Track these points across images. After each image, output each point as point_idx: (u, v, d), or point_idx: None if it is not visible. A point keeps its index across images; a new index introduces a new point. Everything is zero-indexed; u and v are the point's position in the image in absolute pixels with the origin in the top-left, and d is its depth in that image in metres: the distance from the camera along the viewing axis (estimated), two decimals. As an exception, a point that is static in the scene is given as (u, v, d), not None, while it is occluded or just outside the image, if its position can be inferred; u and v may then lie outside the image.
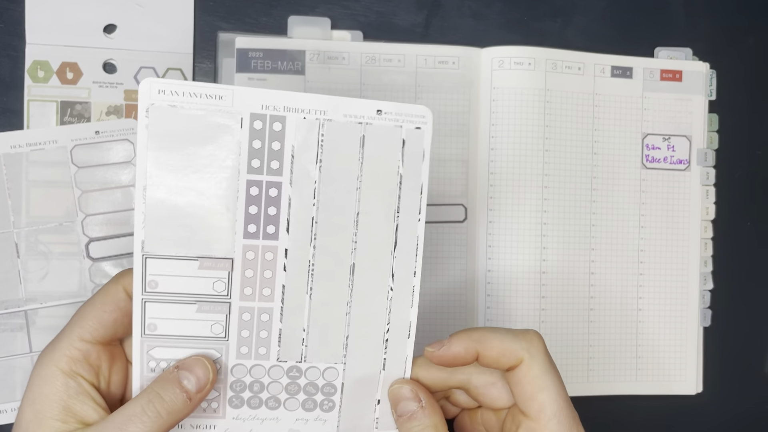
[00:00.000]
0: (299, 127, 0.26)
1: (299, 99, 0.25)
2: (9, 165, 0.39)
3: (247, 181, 0.26)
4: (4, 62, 0.39)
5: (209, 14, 0.41)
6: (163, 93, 0.24)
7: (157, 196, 0.25)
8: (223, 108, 0.25)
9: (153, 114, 0.24)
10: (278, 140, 0.26)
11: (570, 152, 0.42)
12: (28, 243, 0.39)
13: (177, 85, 0.24)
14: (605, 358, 0.42)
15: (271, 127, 0.25)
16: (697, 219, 0.44)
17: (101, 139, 0.40)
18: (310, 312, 0.28)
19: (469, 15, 0.43)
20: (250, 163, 0.26)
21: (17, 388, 0.39)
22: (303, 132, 0.26)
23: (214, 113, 0.25)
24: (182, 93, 0.24)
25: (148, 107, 0.24)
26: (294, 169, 0.26)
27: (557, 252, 0.42)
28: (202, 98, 0.25)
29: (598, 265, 0.43)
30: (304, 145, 0.26)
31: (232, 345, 0.28)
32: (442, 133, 0.42)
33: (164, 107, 0.24)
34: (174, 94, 0.24)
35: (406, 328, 0.30)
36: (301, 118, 0.26)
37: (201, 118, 0.25)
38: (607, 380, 0.42)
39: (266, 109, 0.25)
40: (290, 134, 0.26)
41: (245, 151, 0.26)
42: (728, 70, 0.45)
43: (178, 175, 0.25)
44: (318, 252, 0.28)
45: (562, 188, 0.42)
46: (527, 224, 0.41)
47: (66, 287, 0.39)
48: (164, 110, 0.24)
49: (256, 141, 0.25)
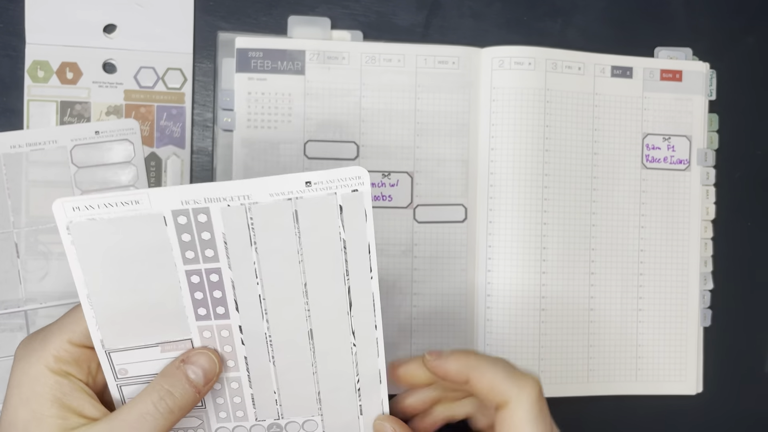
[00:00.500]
0: (225, 215, 0.25)
1: (218, 189, 0.25)
2: (9, 165, 0.39)
3: (185, 271, 0.26)
4: (4, 62, 0.39)
5: (209, 14, 0.41)
6: (78, 209, 0.24)
7: (102, 301, 0.26)
8: (142, 211, 0.25)
9: (74, 231, 0.24)
10: (207, 230, 0.26)
11: (570, 152, 0.42)
12: (27, 243, 0.39)
13: (90, 199, 0.24)
14: (605, 358, 0.42)
15: (196, 219, 0.25)
16: (697, 219, 0.44)
17: (101, 139, 0.40)
18: (277, 376, 0.29)
19: (469, 15, 0.43)
20: (184, 255, 0.26)
21: (17, 388, 0.39)
22: (230, 219, 0.26)
23: (134, 218, 0.25)
24: (97, 206, 0.24)
25: (68, 225, 0.25)
26: (230, 254, 0.26)
27: (557, 252, 0.42)
28: (119, 206, 0.24)
29: (598, 265, 0.43)
30: (234, 230, 0.26)
31: (210, 412, 0.30)
32: (442, 133, 0.42)
33: (83, 222, 0.24)
34: (89, 208, 0.24)
35: (376, 376, 0.31)
36: (225, 206, 0.25)
37: (123, 224, 0.25)
38: (607, 380, 0.42)
39: (186, 204, 0.25)
40: (217, 223, 0.26)
41: (176, 245, 0.26)
42: (728, 70, 0.45)
43: (117, 280, 0.25)
44: (272, 324, 0.28)
45: (562, 188, 0.42)
46: (527, 224, 0.41)
47: (66, 287, 0.39)
48: (84, 225, 0.24)
49: (185, 235, 0.25)
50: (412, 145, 0.41)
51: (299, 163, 0.41)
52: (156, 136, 0.40)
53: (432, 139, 0.42)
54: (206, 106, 0.41)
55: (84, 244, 0.25)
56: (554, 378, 0.42)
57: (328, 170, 0.26)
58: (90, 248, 0.25)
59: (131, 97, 0.40)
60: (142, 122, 0.40)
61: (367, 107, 0.41)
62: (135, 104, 0.40)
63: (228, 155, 0.40)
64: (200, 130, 0.41)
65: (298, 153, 0.41)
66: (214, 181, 0.28)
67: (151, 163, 0.40)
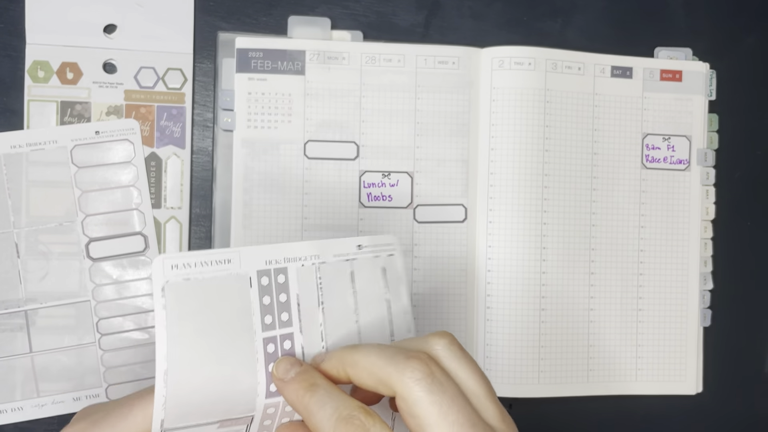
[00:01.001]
0: (300, 274, 0.26)
1: (296, 249, 0.26)
2: (9, 165, 0.39)
3: (263, 339, 0.26)
4: (4, 62, 0.39)
5: (209, 14, 0.41)
6: (176, 268, 0.24)
7: (177, 378, 0.24)
8: (232, 271, 0.25)
9: (169, 292, 0.24)
10: (284, 292, 0.26)
11: (570, 152, 0.42)
12: (28, 243, 0.39)
13: (189, 257, 0.24)
14: (605, 357, 0.42)
15: (276, 280, 0.26)
16: (697, 219, 0.44)
17: (101, 139, 0.40)
18: None
19: (469, 15, 0.43)
20: (263, 320, 0.26)
21: (17, 388, 0.39)
22: (304, 279, 0.26)
23: (224, 279, 0.25)
24: (194, 264, 0.24)
25: (164, 286, 0.24)
26: (302, 316, 0.27)
27: (557, 252, 0.42)
28: (213, 265, 0.24)
29: (598, 265, 0.43)
30: (306, 291, 0.27)
31: None
32: (442, 133, 0.42)
33: (179, 282, 0.24)
34: (186, 266, 0.24)
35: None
36: (300, 266, 0.26)
37: (213, 286, 0.24)
38: (607, 380, 0.42)
39: (269, 264, 0.26)
40: (293, 284, 0.26)
41: (257, 310, 0.26)
42: (728, 70, 0.45)
43: (197, 352, 0.24)
44: None
45: (562, 188, 0.42)
46: (527, 224, 0.41)
47: (66, 287, 0.39)
48: (179, 286, 0.24)
49: (266, 297, 0.26)
50: (412, 145, 0.42)
51: (299, 163, 0.41)
52: (156, 136, 0.40)
53: (432, 139, 0.42)
54: (206, 106, 0.41)
55: (174, 309, 0.24)
56: (554, 378, 0.42)
57: (370, 236, 0.28)
58: (178, 314, 0.24)
59: (131, 97, 0.40)
60: (142, 122, 0.40)
61: (367, 107, 0.41)
62: (135, 104, 0.40)
63: (228, 155, 0.40)
64: (200, 130, 0.41)
65: (299, 153, 0.41)
66: (290, 242, 0.29)
67: (151, 163, 0.40)
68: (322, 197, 0.41)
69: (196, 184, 0.41)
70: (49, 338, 0.39)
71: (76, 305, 0.39)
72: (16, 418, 0.39)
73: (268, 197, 0.40)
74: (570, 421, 0.44)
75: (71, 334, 0.39)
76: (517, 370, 0.41)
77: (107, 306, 0.40)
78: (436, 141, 0.42)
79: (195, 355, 0.24)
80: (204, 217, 0.41)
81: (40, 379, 0.39)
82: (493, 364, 0.41)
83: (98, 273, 0.40)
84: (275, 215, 0.40)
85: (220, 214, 0.40)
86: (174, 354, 0.24)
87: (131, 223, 0.40)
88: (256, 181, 0.40)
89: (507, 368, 0.41)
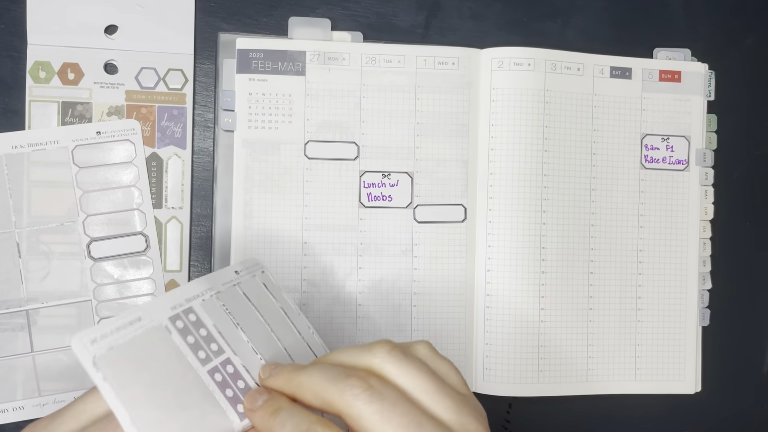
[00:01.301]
0: (206, 307, 0.29)
1: (190, 289, 0.28)
2: (10, 165, 0.39)
3: (207, 372, 0.27)
4: (6, 63, 0.40)
5: (210, 15, 0.41)
6: (96, 342, 0.25)
7: (151, 430, 0.25)
8: (146, 326, 0.26)
9: (101, 364, 0.24)
10: (202, 327, 0.28)
11: (569, 152, 0.42)
12: (29, 243, 0.39)
13: (102, 328, 0.25)
14: (604, 357, 0.43)
15: (188, 319, 0.28)
16: (696, 219, 0.44)
17: (102, 140, 0.40)
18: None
19: (468, 16, 0.43)
20: (197, 356, 0.27)
21: (18, 388, 0.39)
22: (211, 310, 0.29)
23: (144, 335, 0.26)
24: (109, 332, 0.25)
25: (93, 361, 0.24)
26: (228, 341, 0.29)
27: (556, 252, 0.42)
28: (126, 327, 0.26)
29: (598, 265, 0.43)
30: (219, 319, 0.29)
31: None
32: (442, 133, 0.42)
33: (105, 354, 0.25)
34: (104, 337, 0.25)
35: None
36: (202, 301, 0.29)
37: (138, 344, 0.26)
38: (606, 379, 0.43)
39: (175, 309, 0.27)
40: (204, 317, 0.28)
41: (188, 351, 0.27)
42: (727, 70, 0.45)
43: (158, 405, 0.25)
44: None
45: (562, 188, 0.42)
46: (527, 224, 0.41)
47: (67, 287, 0.40)
48: (107, 356, 0.25)
49: (189, 337, 0.27)
50: (412, 145, 0.42)
51: (300, 164, 0.41)
52: (157, 137, 0.40)
53: (432, 139, 0.42)
54: (207, 107, 0.41)
55: (115, 378, 0.25)
56: (553, 377, 0.42)
57: (240, 261, 0.33)
58: (121, 381, 0.25)
59: (132, 98, 0.40)
60: (143, 123, 0.40)
61: (368, 108, 0.41)
62: (136, 105, 0.40)
63: (229, 156, 0.41)
64: (201, 130, 0.41)
65: (299, 153, 0.41)
66: (187, 282, 0.33)
67: (152, 164, 0.40)
68: (322, 197, 0.41)
69: (197, 184, 0.41)
70: (50, 338, 0.39)
71: (78, 305, 0.40)
72: (17, 417, 0.39)
73: (268, 197, 0.41)
74: (569, 421, 0.44)
75: (72, 334, 0.39)
76: (517, 369, 0.41)
77: (108, 306, 0.40)
78: (436, 141, 0.42)
79: (158, 411, 0.25)
80: (205, 217, 0.41)
81: (41, 379, 0.39)
82: (492, 363, 0.41)
83: (99, 273, 0.40)
84: (276, 215, 0.41)
85: (220, 214, 0.41)
86: (138, 416, 0.24)
87: (132, 223, 0.40)
88: (256, 181, 0.41)
89: (507, 368, 0.41)
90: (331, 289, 0.41)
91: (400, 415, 0.24)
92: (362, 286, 0.41)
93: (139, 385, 0.25)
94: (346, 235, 0.41)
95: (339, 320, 0.41)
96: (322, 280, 0.41)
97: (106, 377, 0.24)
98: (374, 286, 0.41)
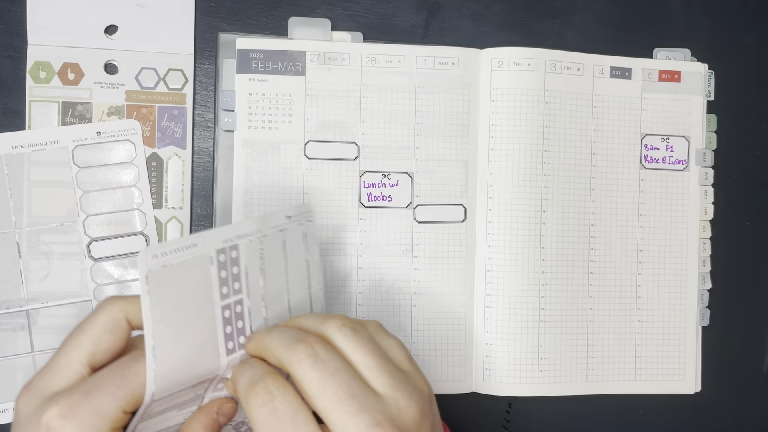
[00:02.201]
0: (248, 248, 0.30)
1: (244, 226, 0.30)
2: (11, 165, 0.39)
3: (221, 307, 0.29)
4: (6, 63, 0.40)
5: (210, 15, 0.41)
6: (156, 257, 0.27)
7: (163, 352, 0.27)
8: (197, 253, 0.28)
9: (152, 279, 0.26)
10: (236, 265, 0.30)
11: (569, 153, 0.42)
12: (29, 243, 0.39)
13: (165, 246, 0.27)
14: (604, 357, 0.43)
15: (230, 255, 0.30)
16: (696, 219, 0.44)
17: (102, 140, 0.40)
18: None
19: (468, 16, 0.43)
20: (221, 291, 0.29)
21: (18, 388, 0.39)
22: (250, 251, 0.30)
23: (192, 261, 0.28)
24: (169, 252, 0.27)
25: (147, 274, 0.26)
26: (249, 282, 0.30)
27: (556, 252, 0.42)
28: (183, 250, 0.28)
29: (597, 265, 0.43)
30: (252, 261, 0.31)
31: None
32: (442, 133, 0.42)
33: (158, 269, 0.27)
34: (164, 255, 0.27)
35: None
36: (248, 241, 0.30)
37: (184, 267, 0.28)
38: (606, 379, 0.43)
39: (225, 242, 0.29)
40: (243, 256, 0.30)
41: (216, 283, 0.29)
42: (727, 70, 0.45)
43: (175, 328, 0.28)
44: None
45: (562, 188, 0.42)
46: (526, 224, 0.41)
47: (67, 287, 0.40)
48: (158, 273, 0.27)
49: (222, 272, 0.29)
50: (412, 146, 0.42)
51: (300, 164, 0.41)
52: (157, 137, 0.40)
53: (432, 139, 0.42)
54: (207, 107, 0.41)
55: (155, 293, 0.27)
56: (553, 377, 0.42)
57: (294, 206, 0.34)
58: (159, 297, 0.27)
59: (132, 98, 0.40)
60: (143, 123, 0.40)
61: (368, 108, 0.41)
62: (136, 105, 0.40)
63: (229, 156, 0.41)
64: (201, 130, 0.41)
65: (299, 153, 0.41)
66: (235, 222, 0.35)
67: (152, 164, 0.40)
68: (322, 197, 0.41)
69: (197, 185, 0.41)
70: (50, 338, 0.39)
71: (78, 305, 0.40)
72: (17, 417, 0.39)
73: (268, 197, 0.41)
74: (569, 421, 0.44)
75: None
76: (517, 369, 0.41)
77: (108, 306, 0.40)
78: (436, 141, 0.42)
79: (174, 331, 0.27)
80: (205, 217, 0.41)
81: (41, 379, 0.39)
82: (492, 363, 0.41)
83: (99, 273, 0.40)
84: (276, 215, 0.41)
85: (220, 214, 0.41)
86: (158, 332, 0.27)
87: (132, 223, 0.40)
88: (256, 181, 0.41)
89: (506, 367, 0.41)
90: (331, 289, 0.41)
91: (336, 384, 0.26)
92: (362, 286, 0.41)
93: (170, 305, 0.27)
94: (346, 235, 0.41)
95: (339, 320, 0.41)
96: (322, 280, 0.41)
97: (150, 291, 0.26)
98: (374, 286, 0.41)
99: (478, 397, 0.42)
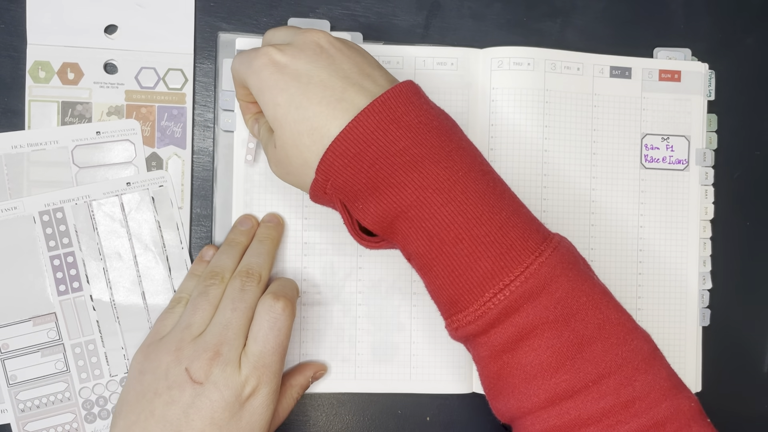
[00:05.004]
0: (74, 211, 0.37)
1: (69, 192, 0.37)
2: (10, 165, 0.39)
3: (49, 257, 0.38)
4: (5, 63, 0.40)
5: (210, 15, 0.41)
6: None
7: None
8: (18, 214, 0.37)
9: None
10: (63, 224, 0.37)
11: (569, 152, 0.42)
12: (29, 243, 0.39)
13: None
14: (604, 357, 0.43)
15: (55, 216, 0.37)
16: (696, 219, 0.44)
17: (102, 140, 0.40)
18: (122, 334, 0.39)
19: (468, 16, 0.43)
20: (48, 244, 0.38)
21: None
22: (79, 214, 0.37)
23: (14, 220, 0.37)
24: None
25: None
26: (81, 239, 0.38)
27: (557, 252, 0.42)
28: (3, 212, 0.37)
29: (598, 265, 0.43)
30: (82, 221, 0.38)
31: (74, 374, 0.38)
32: (442, 133, 0.42)
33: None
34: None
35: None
36: (74, 205, 0.37)
37: (6, 226, 0.37)
38: (607, 379, 0.43)
39: (48, 206, 0.37)
40: (70, 218, 0.37)
41: (41, 238, 0.37)
42: (727, 70, 0.45)
43: (4, 269, 0.36)
44: (114, 290, 0.39)
45: (562, 188, 0.42)
46: (527, 224, 0.41)
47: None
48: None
49: (48, 229, 0.37)
50: (411, 146, 0.42)
51: (299, 164, 0.41)
52: (157, 137, 0.40)
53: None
54: (207, 107, 0.41)
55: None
56: (554, 377, 0.42)
57: (145, 173, 0.39)
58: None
59: (132, 98, 0.40)
60: (143, 122, 0.40)
61: (367, 108, 0.41)
62: (136, 105, 0.40)
63: (229, 155, 0.41)
64: (201, 130, 0.41)
65: (299, 153, 0.41)
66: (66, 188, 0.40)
67: (152, 164, 0.40)
68: (322, 197, 0.41)
69: (197, 184, 0.41)
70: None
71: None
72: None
73: (268, 198, 0.41)
74: (569, 421, 0.44)
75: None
76: (517, 369, 0.41)
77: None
78: (436, 141, 0.42)
79: (3, 272, 0.36)
80: (205, 217, 0.41)
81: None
82: (492, 363, 0.41)
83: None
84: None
85: (220, 214, 0.41)
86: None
87: (132, 223, 0.40)
88: (256, 181, 0.41)
89: (507, 367, 0.41)
90: (331, 289, 0.41)
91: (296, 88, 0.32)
92: (362, 286, 0.41)
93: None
94: (346, 235, 0.41)
95: (339, 320, 0.41)
96: (322, 280, 0.41)
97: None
98: (374, 286, 0.41)
99: (478, 397, 0.42)
